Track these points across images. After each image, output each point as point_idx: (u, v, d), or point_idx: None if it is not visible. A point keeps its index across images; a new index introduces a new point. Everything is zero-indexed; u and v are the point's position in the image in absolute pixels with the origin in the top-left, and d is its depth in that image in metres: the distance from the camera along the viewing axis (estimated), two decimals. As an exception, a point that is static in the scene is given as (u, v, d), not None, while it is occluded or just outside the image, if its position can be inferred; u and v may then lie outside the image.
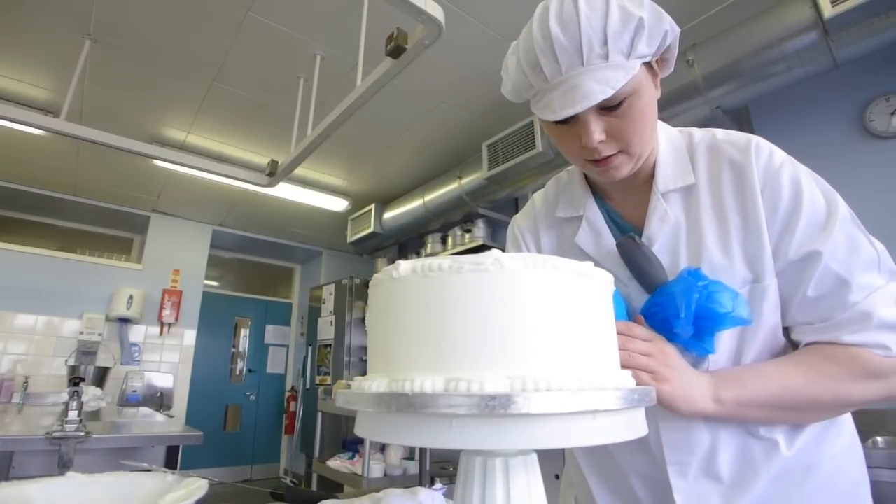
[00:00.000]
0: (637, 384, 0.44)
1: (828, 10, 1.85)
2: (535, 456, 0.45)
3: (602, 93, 0.59)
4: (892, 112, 2.19)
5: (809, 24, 1.93)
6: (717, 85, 2.22)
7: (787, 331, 0.69)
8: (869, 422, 1.99)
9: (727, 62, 2.15)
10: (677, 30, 0.65)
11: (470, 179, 3.48)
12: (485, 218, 3.86)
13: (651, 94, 0.67)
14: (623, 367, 0.50)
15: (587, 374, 0.40)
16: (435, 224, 4.09)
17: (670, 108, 2.37)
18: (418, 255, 4.62)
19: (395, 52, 1.59)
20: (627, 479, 0.76)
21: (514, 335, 0.40)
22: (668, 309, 0.65)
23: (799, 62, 2.02)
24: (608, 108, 0.63)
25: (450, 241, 4.15)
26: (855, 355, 0.61)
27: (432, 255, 4.19)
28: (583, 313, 0.44)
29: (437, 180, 3.87)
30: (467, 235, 3.94)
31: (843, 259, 0.62)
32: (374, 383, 0.42)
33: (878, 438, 1.88)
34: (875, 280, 0.62)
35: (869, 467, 0.71)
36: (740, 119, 2.65)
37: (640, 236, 0.72)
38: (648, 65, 0.65)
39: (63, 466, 1.46)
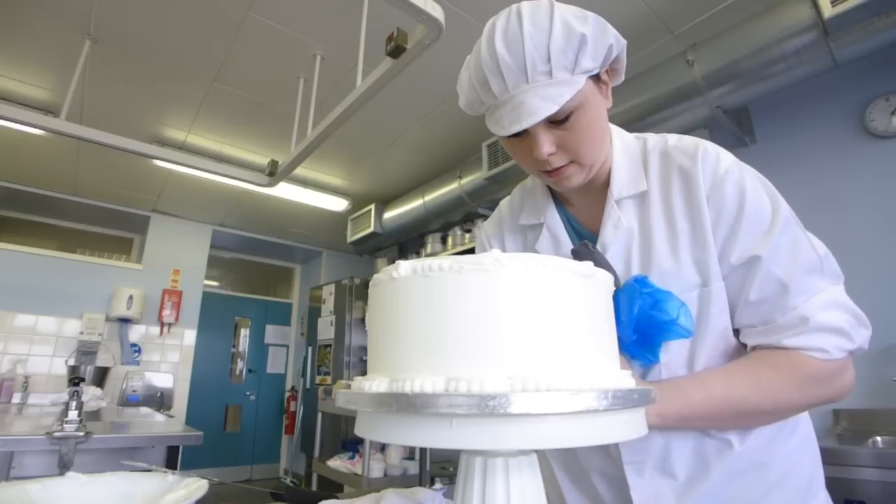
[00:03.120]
0: None
1: (828, 10, 1.85)
2: (535, 456, 0.45)
3: (547, 109, 0.61)
4: (892, 112, 2.19)
5: (809, 24, 1.93)
6: (717, 85, 2.22)
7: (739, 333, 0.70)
8: (869, 422, 1.99)
9: (727, 62, 2.15)
10: (623, 42, 0.67)
11: (470, 179, 3.47)
12: (485, 218, 3.84)
13: (599, 106, 0.68)
14: None
15: (587, 374, 0.40)
16: (435, 224, 4.09)
17: (670, 108, 2.37)
18: (418, 255, 4.62)
19: (395, 52, 1.59)
20: (589, 476, 0.78)
21: (514, 335, 0.40)
22: (616, 315, 0.66)
23: (799, 62, 2.02)
24: (556, 121, 0.65)
25: (450, 241, 4.14)
26: (795, 361, 0.62)
27: (432, 255, 4.19)
28: (583, 313, 0.44)
29: (437, 180, 3.87)
30: (467, 235, 3.94)
31: (784, 263, 0.63)
32: (374, 383, 0.42)
33: (878, 438, 1.88)
34: (817, 283, 0.63)
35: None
36: (740, 119, 2.64)
37: (596, 242, 0.74)
38: (597, 77, 0.67)
39: (63, 466, 1.46)
